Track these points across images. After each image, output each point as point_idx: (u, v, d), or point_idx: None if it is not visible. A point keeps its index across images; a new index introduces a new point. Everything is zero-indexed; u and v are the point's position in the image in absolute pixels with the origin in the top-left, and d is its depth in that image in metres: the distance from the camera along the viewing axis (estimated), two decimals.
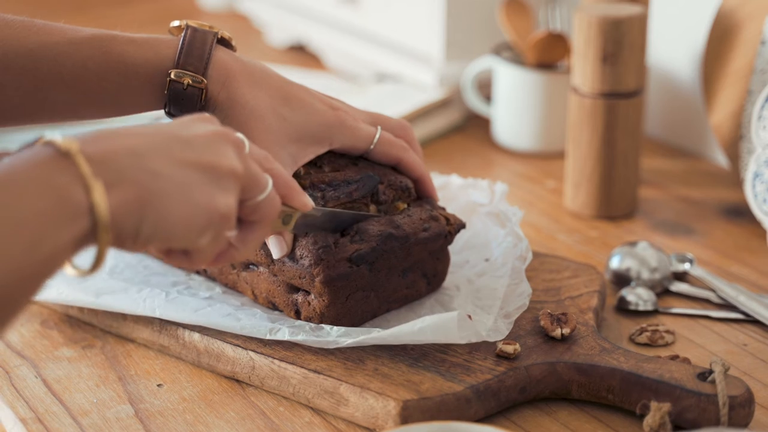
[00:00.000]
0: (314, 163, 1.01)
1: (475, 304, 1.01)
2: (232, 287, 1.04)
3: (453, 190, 1.14)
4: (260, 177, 0.80)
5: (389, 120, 1.05)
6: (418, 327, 0.92)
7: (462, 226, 1.04)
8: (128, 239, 0.71)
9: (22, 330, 1.04)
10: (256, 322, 0.96)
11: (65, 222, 0.67)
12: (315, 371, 0.93)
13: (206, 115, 0.80)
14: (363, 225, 0.97)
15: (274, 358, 0.94)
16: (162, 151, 0.72)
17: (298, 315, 0.98)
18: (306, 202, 0.88)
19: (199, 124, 0.78)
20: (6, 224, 0.64)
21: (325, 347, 0.94)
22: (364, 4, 1.66)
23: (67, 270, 0.72)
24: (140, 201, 0.70)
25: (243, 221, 0.81)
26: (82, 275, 0.71)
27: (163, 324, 1.00)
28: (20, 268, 0.65)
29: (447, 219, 1.02)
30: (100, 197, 0.68)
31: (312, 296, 0.96)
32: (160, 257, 0.78)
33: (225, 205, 0.76)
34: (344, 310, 0.97)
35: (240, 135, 0.81)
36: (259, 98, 0.96)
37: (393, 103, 1.47)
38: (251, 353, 0.95)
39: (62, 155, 0.68)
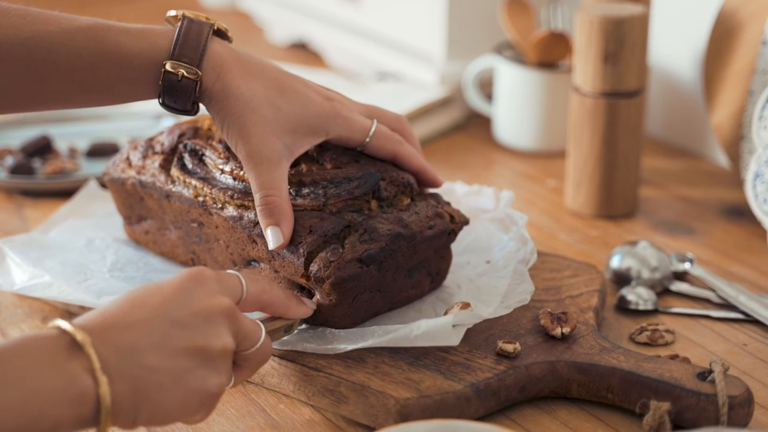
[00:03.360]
0: (316, 160, 1.01)
1: (477, 299, 1.00)
2: None
3: (458, 197, 1.14)
4: (252, 335, 0.84)
5: (385, 113, 1.05)
6: (414, 335, 0.92)
7: (466, 222, 1.04)
8: (126, 423, 0.76)
9: (23, 326, 1.04)
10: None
11: (72, 402, 0.72)
12: (315, 369, 0.93)
13: (198, 274, 0.82)
14: (372, 223, 0.97)
15: (275, 356, 0.94)
16: (158, 343, 0.77)
17: None
18: (306, 311, 0.93)
19: (193, 294, 0.80)
20: (19, 390, 0.71)
21: (323, 353, 0.94)
22: (365, 2, 1.66)
23: None
24: (136, 394, 0.75)
25: (236, 363, 0.85)
26: None
27: None
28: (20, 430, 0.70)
29: (451, 216, 1.02)
30: (105, 390, 0.73)
31: (317, 296, 0.96)
32: None
33: (217, 386, 0.80)
34: (350, 311, 0.96)
35: (233, 282, 0.85)
36: (254, 89, 0.96)
37: (394, 101, 1.47)
38: None
39: (75, 345, 0.74)
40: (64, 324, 0.74)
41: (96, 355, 0.73)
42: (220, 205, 1.00)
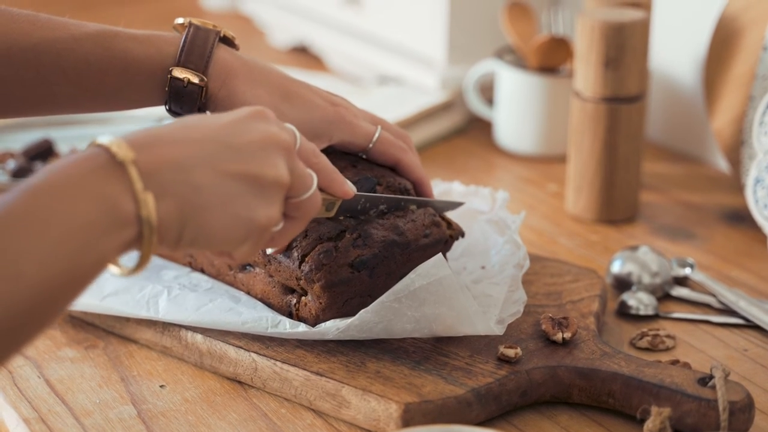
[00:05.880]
0: None
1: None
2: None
3: (454, 197, 1.14)
4: (306, 178, 0.82)
5: (389, 125, 1.05)
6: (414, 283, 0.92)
7: (461, 234, 1.04)
8: (170, 243, 0.74)
9: None
10: (257, 314, 0.97)
11: (113, 231, 0.70)
12: (317, 373, 0.93)
13: (261, 111, 0.80)
14: (367, 228, 0.97)
15: (277, 360, 0.95)
16: (208, 162, 0.74)
17: (291, 317, 0.98)
18: (348, 191, 0.90)
19: (252, 125, 0.79)
20: (56, 231, 0.67)
21: (322, 338, 0.94)
22: (366, 6, 1.66)
23: (111, 269, 0.74)
24: (182, 213, 0.73)
25: (285, 215, 0.83)
26: (126, 274, 0.74)
27: (166, 325, 1.00)
28: (66, 272, 0.68)
29: (449, 224, 1.02)
30: (149, 210, 0.71)
31: (308, 297, 0.96)
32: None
33: (266, 217, 0.78)
34: (340, 315, 0.96)
35: (291, 130, 0.83)
36: (258, 95, 0.96)
37: (395, 105, 1.47)
38: (254, 355, 0.96)
39: (116, 164, 0.70)
40: (105, 140, 0.71)
41: (138, 173, 0.70)
42: None
